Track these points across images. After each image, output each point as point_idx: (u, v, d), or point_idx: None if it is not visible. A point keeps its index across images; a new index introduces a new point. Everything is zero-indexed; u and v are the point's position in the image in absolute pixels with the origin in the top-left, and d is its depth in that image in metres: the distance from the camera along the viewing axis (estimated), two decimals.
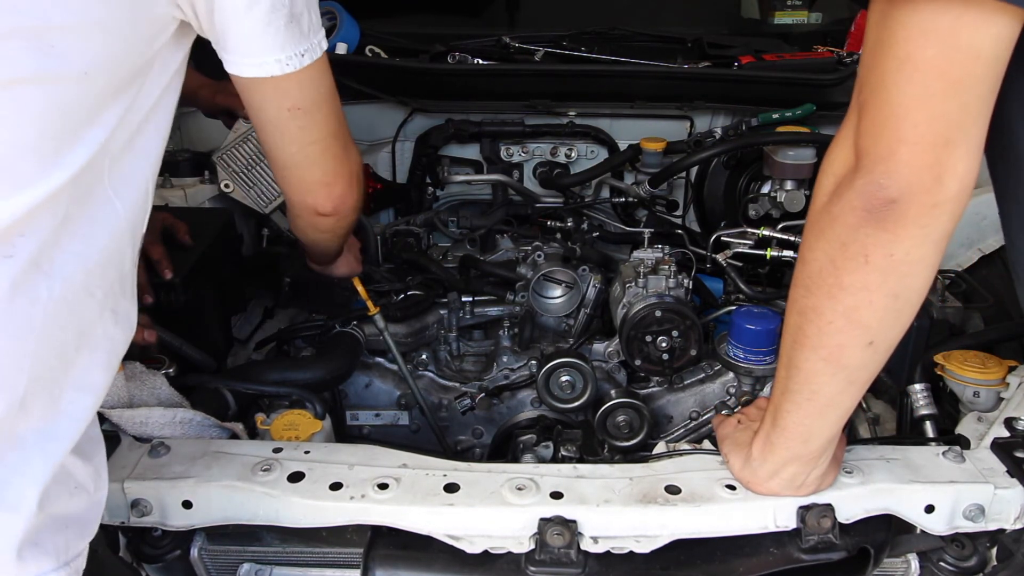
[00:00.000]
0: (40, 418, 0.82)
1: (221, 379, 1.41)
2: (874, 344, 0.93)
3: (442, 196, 2.14)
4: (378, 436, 1.74)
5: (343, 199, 1.29)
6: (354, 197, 1.31)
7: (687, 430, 1.65)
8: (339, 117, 1.21)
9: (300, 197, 1.28)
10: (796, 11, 2.47)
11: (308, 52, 1.04)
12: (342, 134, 1.23)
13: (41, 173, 0.79)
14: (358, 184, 1.32)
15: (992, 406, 1.31)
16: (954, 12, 0.77)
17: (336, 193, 1.28)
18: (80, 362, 0.87)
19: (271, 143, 1.17)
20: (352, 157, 1.29)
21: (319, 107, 1.13)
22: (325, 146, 1.19)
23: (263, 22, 0.98)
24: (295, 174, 1.24)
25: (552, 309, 1.83)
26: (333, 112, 1.18)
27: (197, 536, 1.15)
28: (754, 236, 1.74)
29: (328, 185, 1.26)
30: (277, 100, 1.09)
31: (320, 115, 1.14)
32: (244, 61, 1.02)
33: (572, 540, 1.05)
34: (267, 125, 1.13)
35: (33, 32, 0.76)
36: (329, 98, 1.15)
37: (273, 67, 1.02)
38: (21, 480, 0.80)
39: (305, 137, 1.16)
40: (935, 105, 0.80)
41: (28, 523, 0.79)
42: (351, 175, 1.28)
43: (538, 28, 2.29)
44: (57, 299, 0.83)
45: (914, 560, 1.19)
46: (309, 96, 1.11)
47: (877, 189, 0.84)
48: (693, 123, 2.09)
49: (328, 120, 1.17)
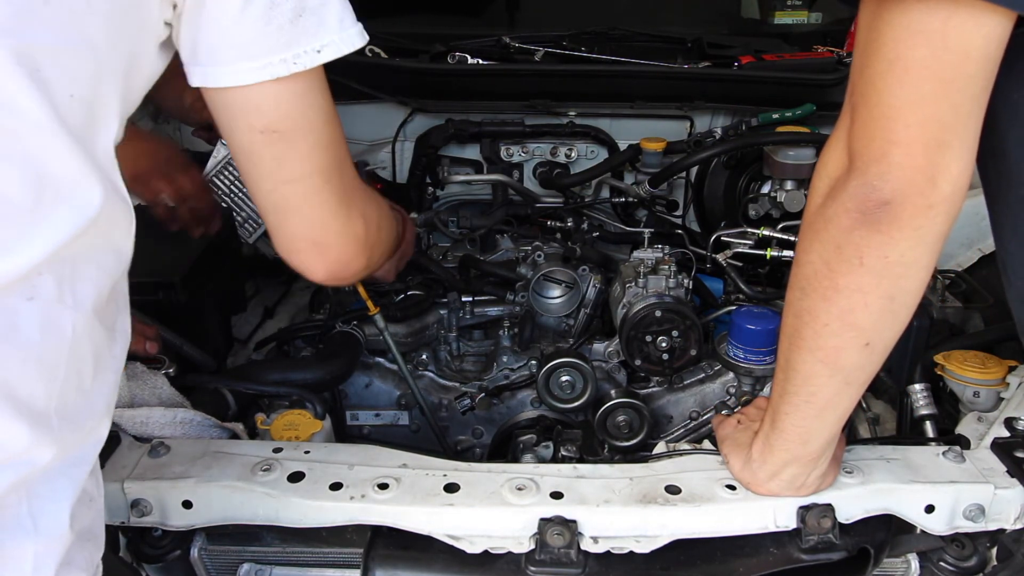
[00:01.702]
0: (69, 448, 0.79)
1: (221, 379, 1.41)
2: (870, 345, 0.93)
3: (442, 196, 2.13)
4: (378, 436, 1.74)
5: (341, 266, 1.03)
6: (360, 263, 1.05)
7: (687, 430, 1.65)
8: (336, 155, 0.95)
9: (284, 254, 1.01)
10: (796, 11, 2.47)
11: (298, 60, 0.83)
12: (341, 179, 0.97)
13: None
14: (370, 248, 1.05)
15: (992, 406, 1.31)
16: (944, 13, 0.77)
17: (330, 258, 1.01)
18: (96, 387, 0.83)
19: (245, 178, 0.95)
20: (361, 213, 1.02)
21: (303, 135, 0.89)
22: (311, 190, 0.94)
23: (253, 17, 0.80)
24: (272, 222, 0.98)
25: (552, 309, 1.83)
26: (325, 146, 0.92)
27: (197, 536, 1.15)
28: (754, 236, 1.74)
29: (317, 245, 0.99)
30: (246, 118, 0.87)
31: (304, 145, 0.90)
32: (212, 70, 0.83)
33: (572, 540, 1.05)
34: (238, 154, 0.92)
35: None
36: (320, 126, 0.91)
37: (244, 75, 0.82)
38: (55, 507, 0.79)
39: (282, 172, 0.91)
40: (927, 106, 0.80)
41: (64, 546, 0.80)
42: (356, 237, 1.01)
43: (538, 28, 2.29)
44: (79, 330, 0.77)
45: (914, 560, 1.19)
46: (289, 117, 0.87)
47: (870, 191, 0.84)
48: (693, 123, 2.09)
49: (316, 155, 0.91)
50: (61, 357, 0.76)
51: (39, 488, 0.78)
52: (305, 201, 0.95)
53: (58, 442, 0.76)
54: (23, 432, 0.72)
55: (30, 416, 0.72)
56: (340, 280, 1.09)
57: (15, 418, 0.71)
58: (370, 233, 1.04)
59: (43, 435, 0.74)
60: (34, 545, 0.77)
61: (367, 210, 1.04)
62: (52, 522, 0.79)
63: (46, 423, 0.75)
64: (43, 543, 0.78)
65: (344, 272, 1.04)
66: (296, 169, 0.91)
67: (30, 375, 0.73)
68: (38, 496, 0.78)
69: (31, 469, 0.74)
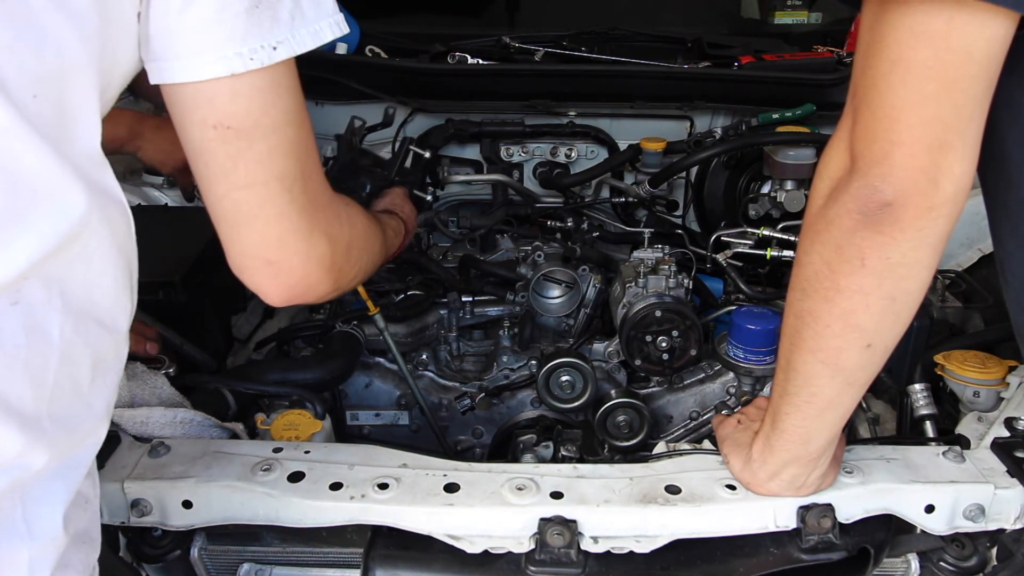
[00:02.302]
0: (63, 451, 0.78)
1: (221, 379, 1.41)
2: (872, 346, 0.93)
3: (442, 196, 2.13)
4: (378, 436, 1.74)
5: (300, 290, 0.92)
6: (324, 288, 0.94)
7: (687, 430, 1.65)
8: (301, 164, 0.85)
9: (236, 271, 0.91)
10: (796, 11, 2.47)
11: (255, 55, 0.77)
12: (305, 191, 0.87)
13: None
14: (336, 272, 0.94)
15: (992, 406, 1.31)
16: (946, 14, 0.77)
17: (286, 280, 0.90)
18: (95, 390, 0.81)
19: (198, 181, 0.85)
20: (326, 232, 0.91)
21: (262, 135, 0.81)
22: (268, 198, 0.84)
23: (207, 8, 0.75)
24: (223, 233, 0.87)
25: (552, 309, 1.83)
26: (287, 151, 0.83)
27: (197, 536, 1.15)
28: (754, 236, 1.74)
29: (271, 264, 0.88)
30: (199, 112, 0.79)
31: (263, 146, 0.81)
32: (167, 65, 0.77)
33: (572, 540, 1.05)
34: (191, 155, 0.83)
35: None
36: (283, 128, 0.83)
37: (198, 69, 0.76)
38: (50, 511, 0.79)
39: (236, 175, 0.82)
40: (929, 107, 0.80)
41: (59, 549, 0.79)
42: (318, 259, 0.91)
43: (538, 28, 2.29)
44: (69, 333, 0.75)
45: (914, 560, 1.19)
46: (247, 114, 0.80)
47: (872, 192, 0.84)
48: (693, 123, 2.09)
49: (276, 159, 0.83)
50: (50, 360, 0.74)
51: (33, 491, 0.77)
52: (261, 210, 0.85)
53: (52, 446, 0.75)
54: (14, 436, 0.71)
55: (20, 420, 0.71)
56: (300, 303, 0.98)
57: (4, 423, 0.70)
58: (336, 256, 0.93)
59: (35, 439, 0.73)
60: (28, 549, 0.76)
61: (335, 229, 0.94)
62: (47, 525, 0.78)
63: (37, 427, 0.73)
64: (38, 547, 0.77)
65: (304, 297, 0.94)
66: (252, 172, 0.82)
67: (16, 379, 0.71)
68: (32, 499, 0.77)
69: (24, 473, 0.73)
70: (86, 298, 0.77)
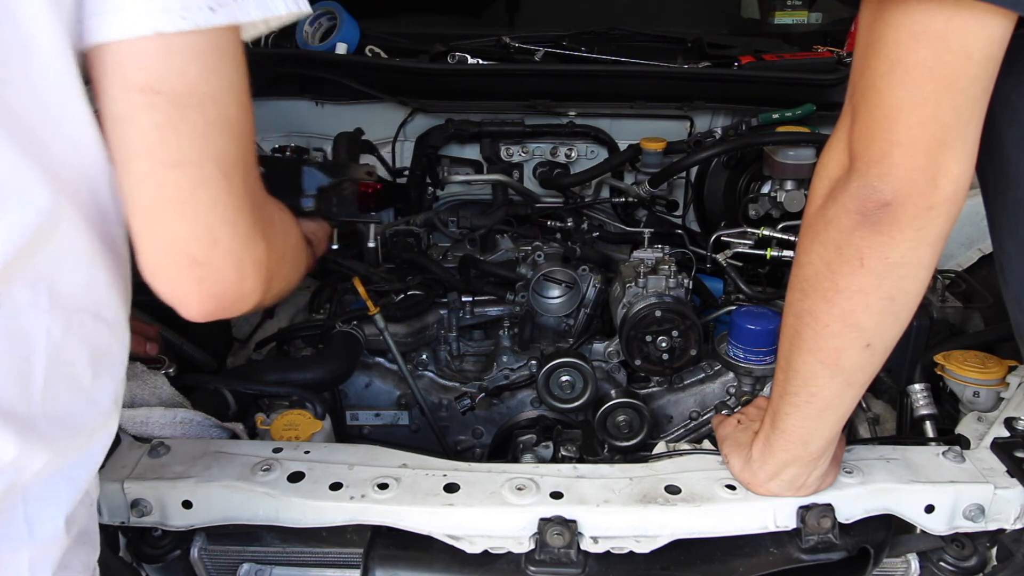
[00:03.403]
0: (67, 451, 0.77)
1: (221, 379, 1.41)
2: (871, 346, 0.93)
3: (442, 196, 2.13)
4: (378, 436, 1.74)
5: (227, 301, 0.78)
6: (252, 300, 0.80)
7: (687, 430, 1.65)
8: (242, 148, 0.74)
9: (149, 275, 0.75)
10: (796, 11, 2.47)
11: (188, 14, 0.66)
12: (245, 180, 0.75)
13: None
14: (267, 282, 0.81)
15: (992, 406, 1.31)
16: (945, 14, 0.77)
17: (213, 286, 0.76)
18: (99, 385, 0.78)
19: (115, 157, 0.72)
20: (264, 233, 0.79)
21: (199, 105, 0.69)
22: (202, 181, 0.71)
23: None
24: (139, 224, 0.73)
25: (552, 309, 1.83)
26: (227, 129, 0.72)
27: (197, 536, 1.15)
28: (754, 236, 1.74)
29: (198, 265, 0.74)
30: (122, 73, 0.67)
31: (199, 118, 0.70)
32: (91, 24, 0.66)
33: (572, 540, 1.05)
34: (109, 125, 0.70)
35: None
36: (225, 101, 0.71)
37: (122, 25, 0.65)
38: (53, 511, 0.77)
39: (165, 150, 0.69)
40: (928, 107, 0.80)
41: (60, 550, 0.79)
42: (254, 263, 0.78)
43: (538, 28, 2.29)
44: (59, 332, 0.71)
45: (914, 560, 1.19)
46: (180, 78, 0.68)
47: (871, 192, 0.84)
48: (693, 123, 2.09)
49: (215, 136, 0.71)
50: (37, 361, 0.70)
51: (35, 492, 0.76)
52: (191, 195, 0.71)
53: (51, 446, 0.73)
54: (7, 440, 0.69)
55: (11, 422, 0.70)
56: (219, 317, 0.80)
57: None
58: (271, 262, 0.80)
59: (31, 440, 0.71)
60: (29, 551, 0.76)
61: (273, 231, 0.81)
62: (48, 527, 0.77)
63: (32, 428, 0.71)
64: (38, 548, 0.77)
65: (229, 309, 0.79)
66: (184, 149, 0.70)
67: (2, 383, 0.70)
68: (35, 499, 0.76)
69: (21, 475, 0.72)
70: (78, 294, 0.73)
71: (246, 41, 0.75)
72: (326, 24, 2.09)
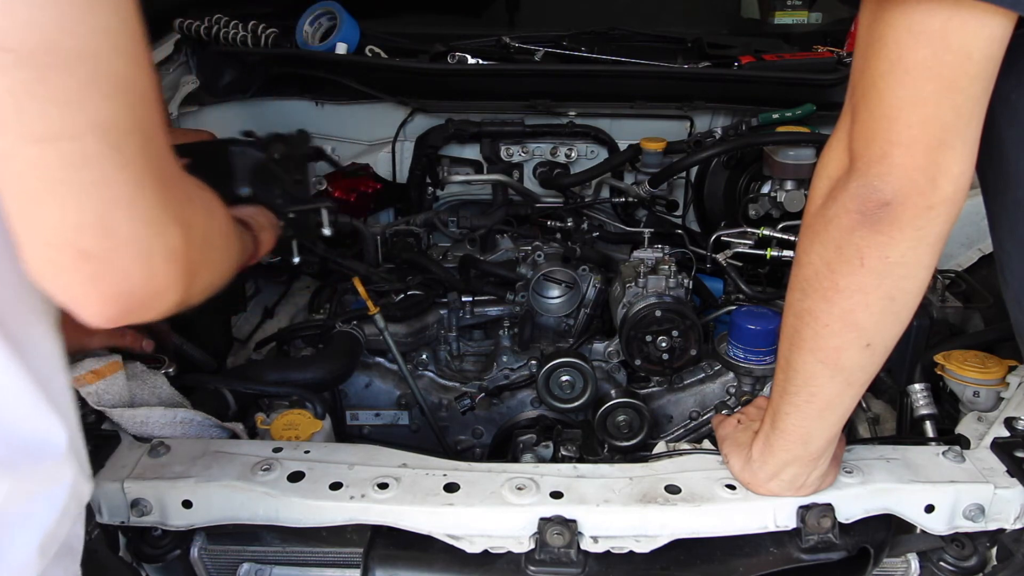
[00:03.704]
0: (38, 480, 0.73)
1: (221, 379, 1.41)
2: (871, 346, 0.93)
3: (442, 196, 2.14)
4: (378, 436, 1.74)
5: (135, 300, 0.64)
6: (172, 297, 0.67)
7: (687, 430, 1.65)
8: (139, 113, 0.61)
9: (36, 275, 0.62)
10: (796, 11, 2.46)
11: None
12: (146, 152, 0.62)
13: None
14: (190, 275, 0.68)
15: (992, 406, 1.31)
16: (944, 14, 0.77)
17: (111, 285, 0.62)
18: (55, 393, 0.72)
19: None
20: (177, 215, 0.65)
21: (69, 63, 0.56)
22: (82, 156, 0.58)
23: None
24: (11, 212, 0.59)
25: (552, 309, 1.83)
26: (115, 89, 0.59)
27: (197, 536, 1.15)
28: (754, 236, 1.74)
29: (88, 259, 0.60)
30: None
31: (70, 80, 0.56)
32: None
33: (572, 540, 1.05)
34: None
35: None
36: (106, 56, 0.58)
37: None
38: (24, 538, 0.73)
39: (29, 122, 0.56)
40: (927, 107, 0.80)
41: (36, 572, 0.76)
42: (168, 252, 0.64)
43: (538, 28, 2.29)
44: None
45: (914, 560, 1.19)
46: (33, 28, 0.54)
47: (871, 192, 0.84)
48: (693, 123, 2.09)
49: (95, 98, 0.58)
50: None
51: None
52: (70, 174, 0.58)
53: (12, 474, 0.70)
54: None
55: None
56: (130, 322, 0.66)
57: None
58: (192, 250, 0.67)
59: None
60: None
61: (192, 212, 0.68)
62: (19, 553, 0.72)
63: None
64: (10, 573, 0.73)
65: (140, 311, 0.65)
66: (52, 118, 0.56)
67: None
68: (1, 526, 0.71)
69: None
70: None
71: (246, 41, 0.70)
72: (326, 24, 2.09)
